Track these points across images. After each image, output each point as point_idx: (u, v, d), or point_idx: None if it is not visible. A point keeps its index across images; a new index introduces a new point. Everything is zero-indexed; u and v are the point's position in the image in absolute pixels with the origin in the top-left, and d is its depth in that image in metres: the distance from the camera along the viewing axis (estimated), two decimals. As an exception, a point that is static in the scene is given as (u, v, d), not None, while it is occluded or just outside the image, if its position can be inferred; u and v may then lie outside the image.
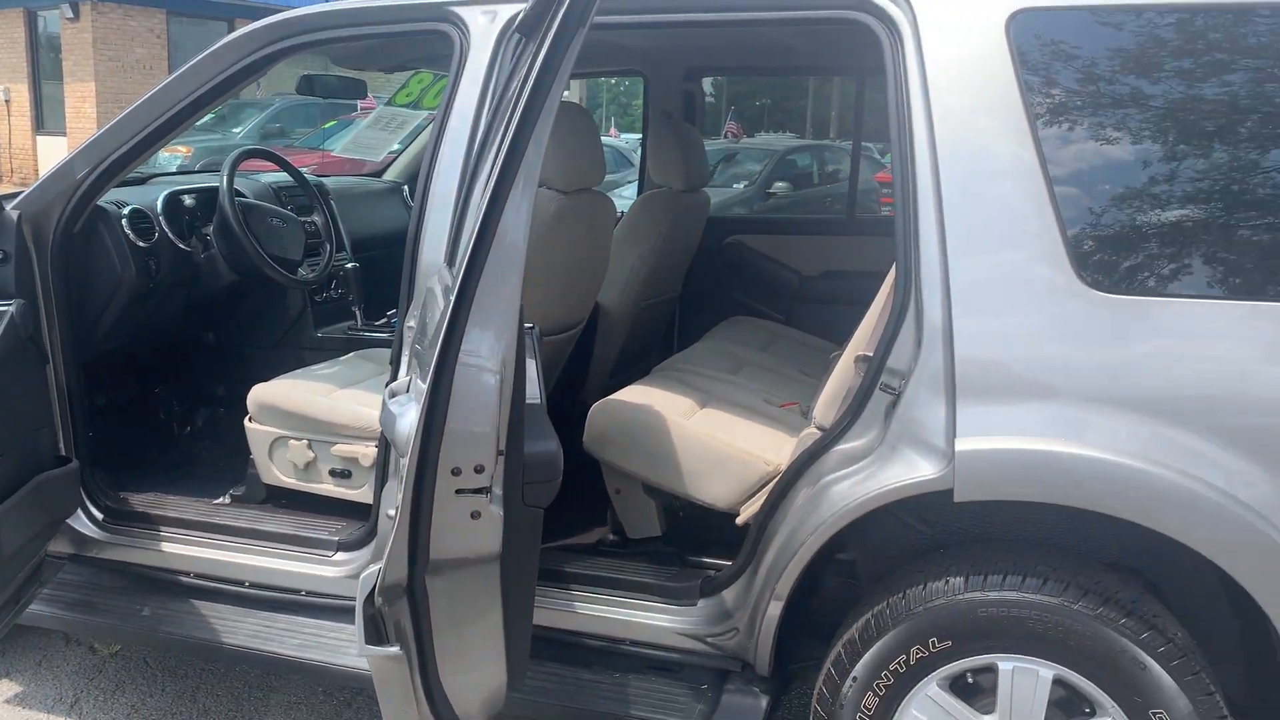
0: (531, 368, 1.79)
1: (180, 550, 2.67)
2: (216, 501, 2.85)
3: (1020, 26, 2.03)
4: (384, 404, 1.74)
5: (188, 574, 2.67)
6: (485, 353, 1.55)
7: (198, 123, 2.65)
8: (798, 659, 2.36)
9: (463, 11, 2.39)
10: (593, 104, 21.93)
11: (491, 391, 1.55)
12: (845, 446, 2.12)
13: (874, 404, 2.10)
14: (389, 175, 4.21)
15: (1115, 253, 1.94)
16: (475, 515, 1.59)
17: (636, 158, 8.20)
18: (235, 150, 3.14)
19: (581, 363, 3.20)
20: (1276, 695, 1.99)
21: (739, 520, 2.40)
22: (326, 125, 13.65)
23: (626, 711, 2.28)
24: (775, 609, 2.16)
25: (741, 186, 11.84)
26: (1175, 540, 1.88)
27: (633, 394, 2.62)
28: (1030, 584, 1.98)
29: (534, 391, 1.72)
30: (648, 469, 2.51)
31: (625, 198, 6.64)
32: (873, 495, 2.04)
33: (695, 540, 2.59)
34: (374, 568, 1.64)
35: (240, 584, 2.63)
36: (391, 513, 1.61)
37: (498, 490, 1.60)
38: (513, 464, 1.62)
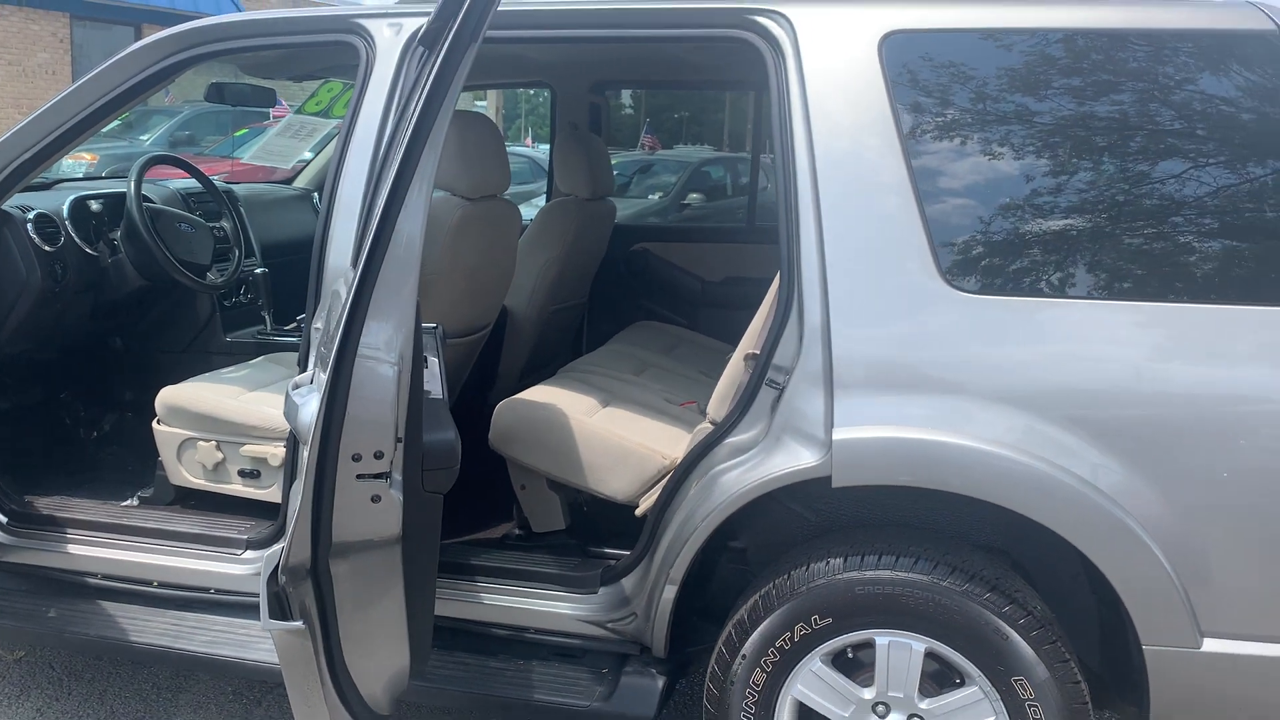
0: (434, 364, 1.88)
1: (87, 552, 2.68)
2: (124, 504, 2.87)
3: (891, 47, 2.19)
4: (287, 396, 1.82)
5: (95, 575, 2.69)
6: (383, 346, 1.65)
7: (104, 129, 2.67)
8: (695, 642, 2.48)
9: (369, 24, 2.47)
10: (511, 115, 21.97)
11: (389, 382, 1.64)
12: (735, 439, 2.25)
13: (761, 399, 2.23)
14: (299, 182, 4.25)
15: (977, 257, 2.11)
16: (375, 499, 1.68)
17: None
18: (143, 156, 3.16)
19: (491, 365, 3.29)
20: (1126, 663, 2.16)
21: (638, 512, 2.51)
22: (238, 133, 13.46)
23: (530, 696, 2.38)
24: (670, 593, 2.28)
25: (657, 197, 12.02)
26: (1032, 521, 2.05)
27: (537, 393, 2.72)
28: (903, 564, 2.13)
29: (435, 386, 1.82)
30: (551, 464, 2.61)
31: (540, 206, 6.72)
32: (759, 483, 2.17)
33: (597, 532, 2.70)
34: (278, 547, 1.71)
35: (149, 584, 2.65)
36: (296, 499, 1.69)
37: (397, 476, 1.69)
38: (412, 451, 1.71)
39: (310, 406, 1.66)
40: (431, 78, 1.63)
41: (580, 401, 2.72)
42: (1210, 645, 2.03)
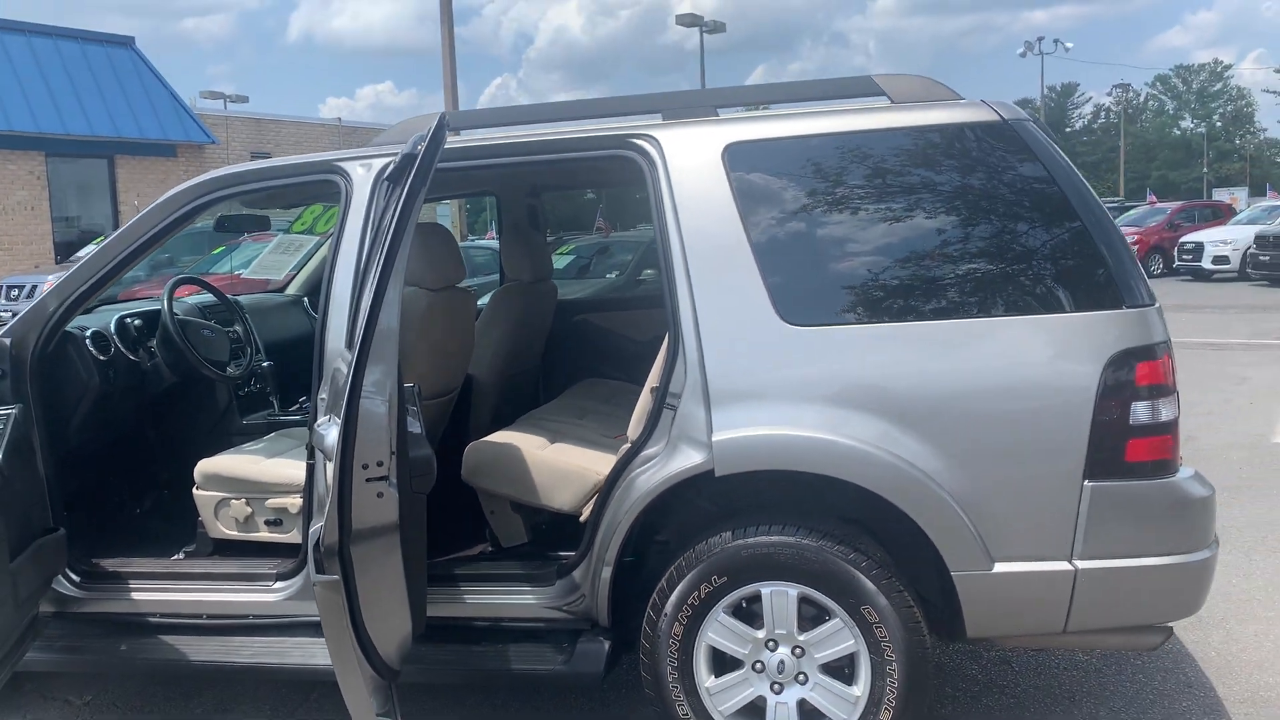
0: (413, 411, 2.63)
1: (147, 596, 3.36)
2: (174, 558, 3.56)
3: (731, 153, 2.99)
4: (311, 429, 2.54)
5: (155, 615, 3.36)
6: (376, 390, 2.39)
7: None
8: (635, 618, 3.18)
9: (346, 165, 3.26)
10: (476, 210, 22.99)
11: (383, 414, 2.38)
12: (646, 451, 2.99)
13: (663, 419, 2.97)
14: (291, 290, 5.02)
15: (799, 298, 2.87)
16: (380, 495, 2.40)
17: None
18: (171, 280, 3.92)
19: (463, 421, 4.03)
20: (954, 597, 2.86)
21: (581, 519, 3.22)
22: (215, 251, 14.36)
23: (508, 668, 3.07)
24: (606, 573, 2.99)
25: (614, 275, 12.87)
26: (863, 489, 2.78)
27: (498, 436, 3.45)
28: (775, 530, 2.86)
29: (413, 423, 2.56)
30: (511, 489, 3.33)
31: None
32: (663, 479, 2.91)
33: (553, 541, 3.41)
34: (317, 525, 2.43)
35: (199, 617, 3.33)
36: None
37: (393, 479, 2.42)
38: (401, 461, 2.44)
39: (333, 434, 2.39)
40: (398, 210, 2.41)
41: (532, 440, 3.45)
42: (999, 567, 2.76)
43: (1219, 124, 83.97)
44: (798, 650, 2.90)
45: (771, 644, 2.91)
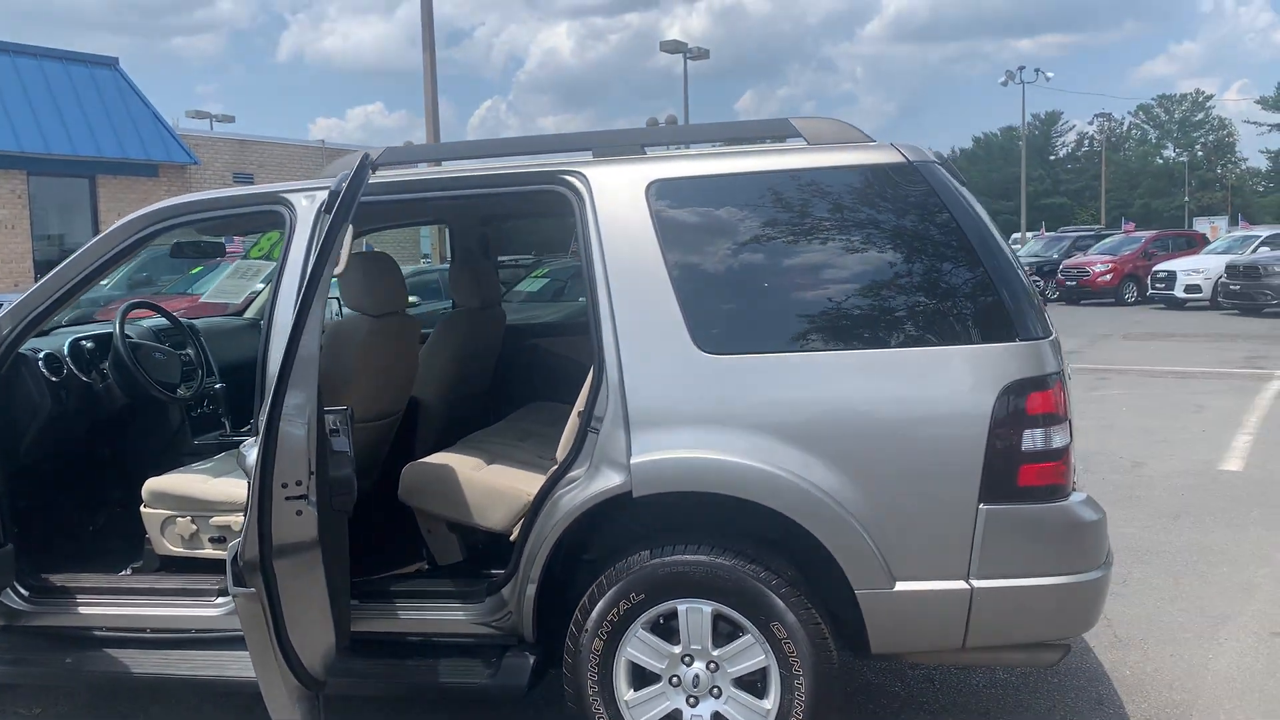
0: (342, 431, 2.76)
1: (93, 611, 3.47)
2: (121, 574, 3.67)
3: (654, 189, 3.14)
4: (239, 451, 2.68)
5: (101, 629, 3.47)
6: (296, 413, 2.53)
7: None
8: (561, 636, 3.30)
9: (291, 196, 3.40)
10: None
11: (302, 435, 2.52)
12: (572, 473, 3.12)
13: (588, 441, 3.11)
14: (249, 313, 5.15)
15: (714, 328, 3.02)
16: (299, 513, 2.53)
17: (508, 277, 9.35)
18: (125, 304, 4.05)
19: (409, 443, 4.15)
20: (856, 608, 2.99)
21: (511, 538, 3.35)
22: (194, 270, 14.49)
23: (437, 681, 3.19)
24: (531, 590, 3.11)
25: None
26: (769, 510, 2.92)
27: (435, 458, 3.58)
28: (690, 550, 3.00)
29: (340, 443, 2.70)
30: (445, 509, 3.46)
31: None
32: (584, 500, 3.04)
33: (487, 560, 3.53)
34: (236, 541, 2.56)
35: (143, 631, 3.44)
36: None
37: (312, 498, 2.55)
38: (321, 481, 2.57)
39: (254, 454, 2.52)
40: (319, 242, 2.55)
41: (469, 461, 3.58)
42: (900, 586, 2.90)
43: (1200, 154, 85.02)
44: (712, 665, 3.03)
45: (687, 659, 3.04)
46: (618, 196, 3.16)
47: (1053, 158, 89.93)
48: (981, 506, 2.84)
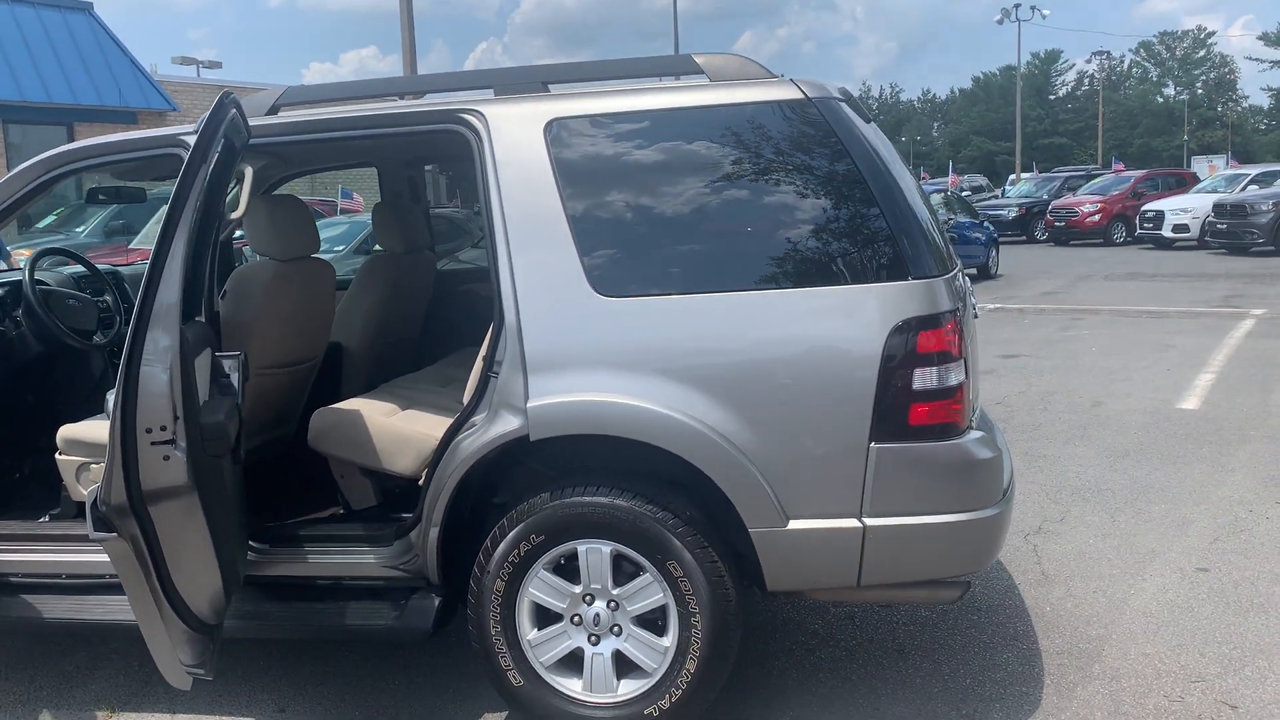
0: (225, 378, 2.75)
1: (9, 557, 3.48)
2: (39, 521, 3.68)
3: (552, 128, 3.09)
4: (105, 396, 2.66)
5: (16, 575, 3.48)
6: (157, 358, 2.51)
7: (41, 225, 3.37)
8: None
9: (188, 138, 3.34)
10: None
11: (165, 380, 2.50)
12: (474, 417, 3.11)
13: (490, 385, 3.09)
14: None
15: (611, 270, 2.98)
16: (166, 458, 2.53)
17: (473, 227, 9.30)
18: (35, 251, 4.01)
19: (334, 390, 4.14)
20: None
21: (420, 483, 3.35)
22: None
23: (345, 623, 3.21)
24: (434, 534, 3.12)
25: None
26: (667, 451, 2.91)
27: (347, 403, 3.57)
28: (589, 492, 3.00)
29: (224, 389, 2.68)
30: (354, 454, 3.45)
31: (463, 260, 7.67)
32: (483, 444, 3.03)
33: (400, 504, 3.54)
34: (94, 486, 2.56)
35: (59, 577, 3.46)
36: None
37: (182, 443, 2.54)
38: (191, 425, 2.56)
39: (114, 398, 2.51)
40: (176, 187, 2.52)
41: (381, 407, 3.57)
42: (793, 524, 2.90)
43: (1201, 91, 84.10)
44: (612, 604, 3.04)
45: (588, 598, 3.06)
46: (516, 135, 3.11)
47: (1052, 97, 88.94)
48: (873, 445, 2.84)
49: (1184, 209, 21.98)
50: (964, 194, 32.16)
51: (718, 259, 2.97)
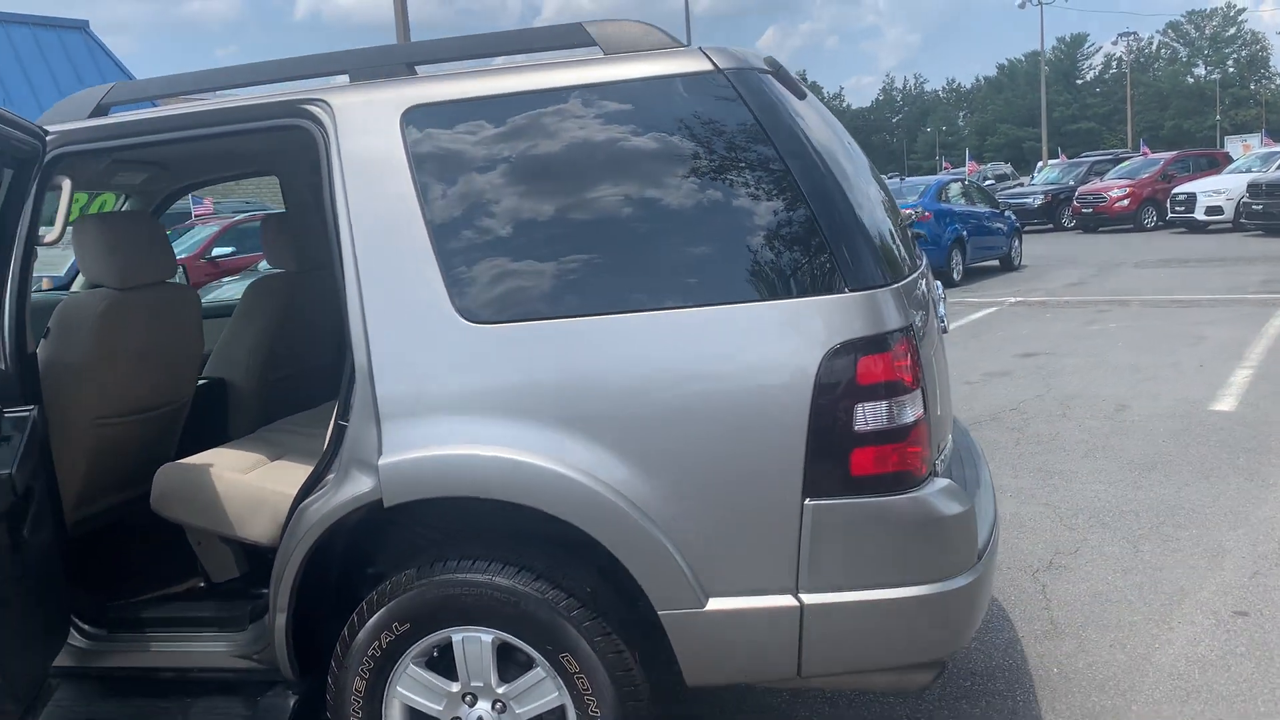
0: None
1: None
2: None
3: (411, 118, 2.50)
4: None
5: None
6: None
7: None
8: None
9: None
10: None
11: None
12: (327, 476, 2.54)
13: (344, 437, 2.52)
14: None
15: (482, 290, 2.39)
16: None
17: None
18: None
19: (219, 433, 3.58)
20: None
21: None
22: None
23: (186, 727, 2.65)
24: (280, 620, 2.55)
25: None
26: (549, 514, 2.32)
27: (200, 457, 3.00)
28: (463, 566, 2.41)
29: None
30: (204, 519, 2.89)
31: None
32: (331, 510, 2.46)
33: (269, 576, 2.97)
34: None
35: None
36: None
37: None
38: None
39: None
40: None
41: (243, 459, 3.00)
42: (713, 604, 2.30)
43: (1233, 70, 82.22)
44: (498, 705, 2.46)
45: (469, 698, 2.48)
46: (367, 128, 2.53)
47: (1079, 82, 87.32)
48: (808, 502, 2.23)
49: (1217, 190, 21.02)
50: (987, 182, 31.30)
51: (613, 273, 2.36)
